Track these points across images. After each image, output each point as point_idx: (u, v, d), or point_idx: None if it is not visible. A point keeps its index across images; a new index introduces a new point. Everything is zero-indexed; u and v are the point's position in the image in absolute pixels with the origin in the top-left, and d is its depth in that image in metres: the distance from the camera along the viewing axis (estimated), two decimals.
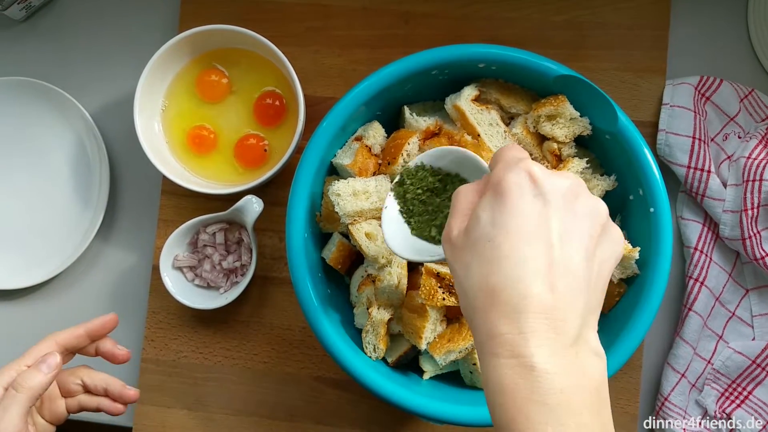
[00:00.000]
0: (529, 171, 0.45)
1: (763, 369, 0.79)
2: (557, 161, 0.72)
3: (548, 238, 0.43)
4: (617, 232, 0.47)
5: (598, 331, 0.45)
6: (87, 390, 0.66)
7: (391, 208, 0.60)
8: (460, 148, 0.58)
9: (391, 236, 0.58)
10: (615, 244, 0.46)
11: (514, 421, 0.40)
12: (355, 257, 0.74)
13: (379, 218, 0.70)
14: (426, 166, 0.60)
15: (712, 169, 0.80)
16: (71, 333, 0.64)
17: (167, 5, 0.90)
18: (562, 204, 0.44)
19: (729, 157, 0.82)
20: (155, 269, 0.85)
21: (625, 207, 0.72)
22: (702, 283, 0.80)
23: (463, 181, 0.58)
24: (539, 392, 0.40)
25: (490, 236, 0.43)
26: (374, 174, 0.72)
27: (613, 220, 0.72)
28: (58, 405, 0.65)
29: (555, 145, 0.71)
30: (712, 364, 0.81)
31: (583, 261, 0.43)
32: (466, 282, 0.45)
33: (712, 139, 0.83)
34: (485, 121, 0.71)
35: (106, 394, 0.66)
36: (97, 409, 0.66)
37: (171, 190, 0.86)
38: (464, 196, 0.48)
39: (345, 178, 0.69)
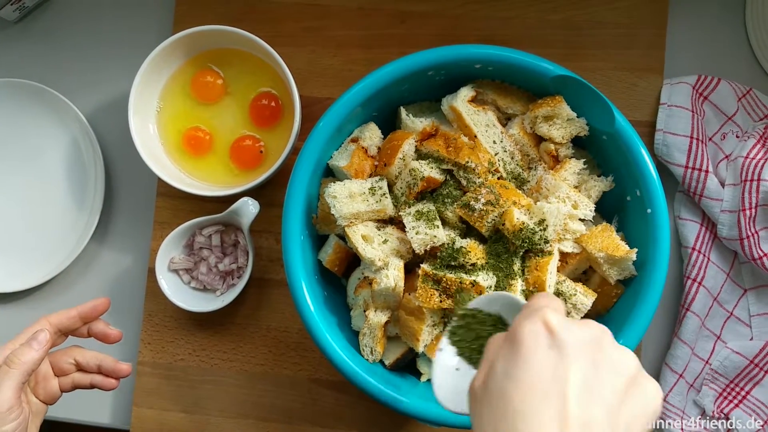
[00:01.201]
0: (545, 320, 0.42)
1: (761, 369, 0.79)
2: (554, 162, 0.72)
3: (564, 392, 0.40)
4: (652, 387, 0.43)
5: None
6: (80, 368, 0.68)
7: (446, 352, 0.55)
8: (507, 294, 0.56)
9: (438, 385, 0.54)
10: (648, 399, 0.42)
11: None
12: (352, 259, 0.74)
13: (375, 220, 0.70)
14: (481, 311, 0.56)
15: (710, 168, 0.80)
16: (64, 314, 0.67)
17: (162, 6, 0.89)
18: (582, 356, 0.41)
19: (727, 157, 0.82)
20: (151, 272, 0.84)
21: (622, 208, 0.72)
22: (700, 283, 0.80)
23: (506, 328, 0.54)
24: None
25: (503, 388, 0.41)
26: (370, 176, 0.71)
27: (611, 222, 0.72)
28: (52, 384, 0.67)
29: (552, 146, 0.71)
30: (710, 365, 0.80)
31: (605, 418, 0.40)
32: None
33: (710, 139, 0.82)
34: (482, 122, 0.71)
35: (98, 371, 0.68)
36: (91, 386, 0.68)
37: (166, 192, 0.86)
38: (492, 345, 0.46)
39: (341, 180, 0.69)
